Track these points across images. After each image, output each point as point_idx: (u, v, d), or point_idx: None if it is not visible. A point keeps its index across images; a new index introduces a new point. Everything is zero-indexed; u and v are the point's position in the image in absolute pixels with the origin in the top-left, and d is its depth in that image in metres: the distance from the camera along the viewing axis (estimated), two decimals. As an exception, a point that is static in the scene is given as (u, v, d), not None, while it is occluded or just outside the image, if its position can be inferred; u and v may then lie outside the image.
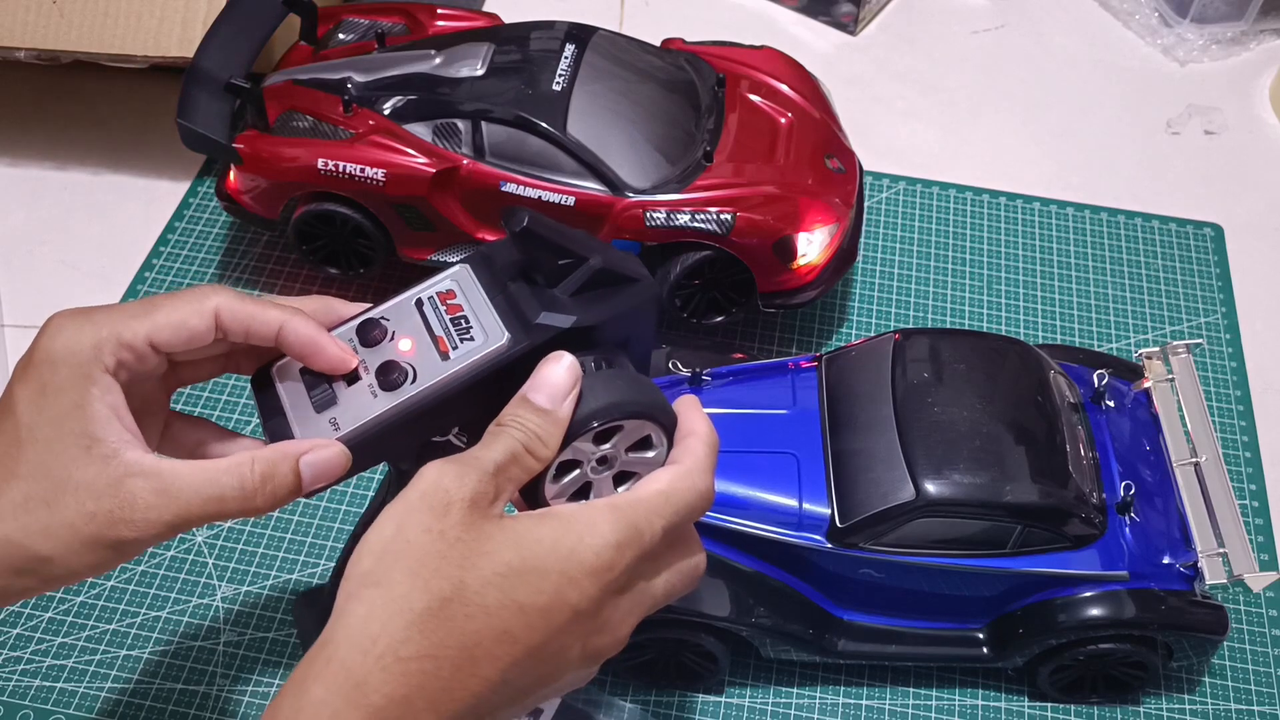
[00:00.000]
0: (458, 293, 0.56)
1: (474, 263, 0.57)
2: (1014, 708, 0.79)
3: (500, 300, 0.55)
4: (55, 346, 0.53)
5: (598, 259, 0.55)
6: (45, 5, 0.97)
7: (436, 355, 0.54)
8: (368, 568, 0.48)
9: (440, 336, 0.54)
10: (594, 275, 0.54)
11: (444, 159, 0.87)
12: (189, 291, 0.55)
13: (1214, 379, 0.97)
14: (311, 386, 0.55)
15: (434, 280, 0.57)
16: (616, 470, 0.56)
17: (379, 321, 0.56)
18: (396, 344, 0.55)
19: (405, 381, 0.53)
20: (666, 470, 0.54)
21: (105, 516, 0.51)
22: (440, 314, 0.55)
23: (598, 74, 0.90)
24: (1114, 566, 0.73)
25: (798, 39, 1.23)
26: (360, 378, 0.54)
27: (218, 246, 1.01)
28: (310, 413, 0.54)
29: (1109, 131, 1.17)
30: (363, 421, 0.53)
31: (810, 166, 0.91)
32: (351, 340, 0.56)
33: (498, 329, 0.54)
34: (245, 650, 0.79)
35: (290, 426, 0.54)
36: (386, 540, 0.48)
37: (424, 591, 0.47)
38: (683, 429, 0.56)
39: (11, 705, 0.76)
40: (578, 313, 0.54)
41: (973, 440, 0.73)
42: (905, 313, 1.00)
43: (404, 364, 0.54)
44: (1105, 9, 1.29)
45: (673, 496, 0.52)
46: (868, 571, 0.74)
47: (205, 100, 0.88)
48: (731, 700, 0.79)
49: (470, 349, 0.54)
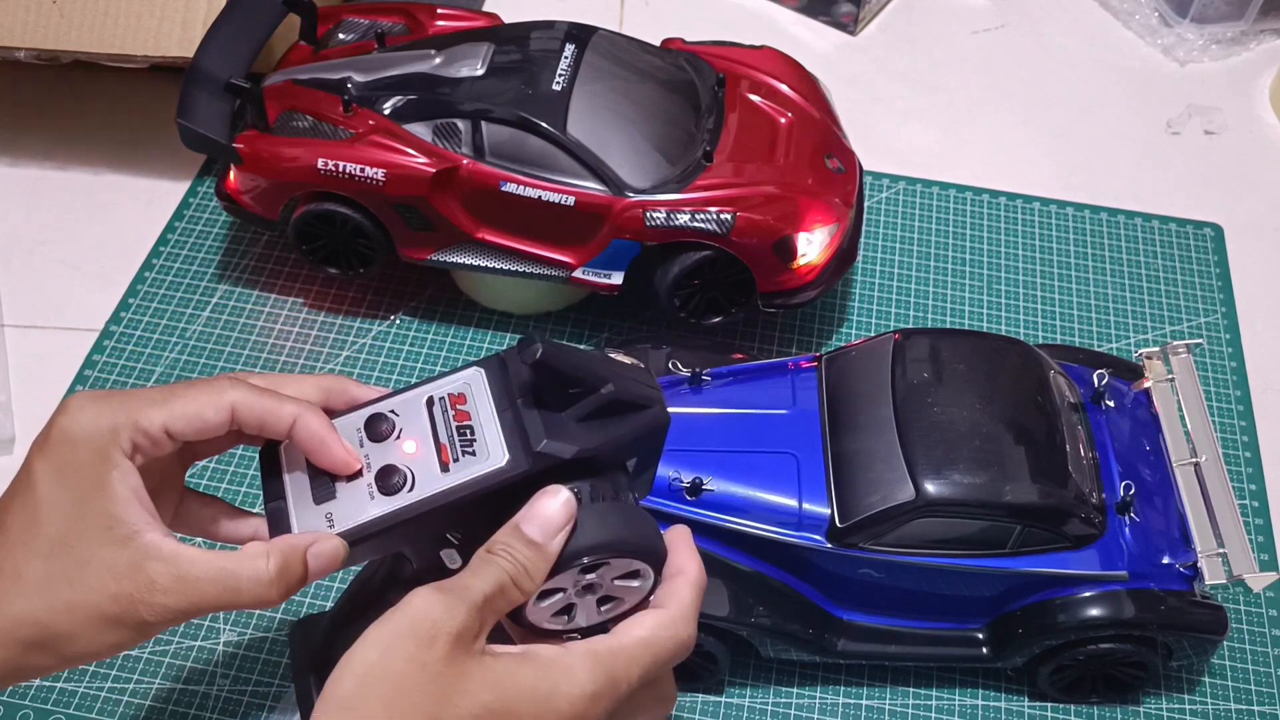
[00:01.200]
0: (468, 399, 0.56)
1: (490, 370, 0.57)
2: (1014, 708, 0.79)
3: (508, 417, 0.55)
4: (74, 427, 0.53)
5: (610, 389, 0.55)
6: (45, 5, 0.97)
7: (437, 465, 0.55)
8: (347, 692, 0.48)
9: (444, 445, 0.55)
10: (604, 404, 0.55)
11: (444, 159, 0.87)
12: (207, 383, 0.56)
13: (1214, 379, 0.97)
14: (314, 477, 0.56)
15: (449, 379, 0.57)
16: (601, 595, 0.57)
17: (388, 416, 0.57)
18: (401, 445, 0.56)
19: (403, 488, 0.54)
20: (650, 615, 0.54)
21: (127, 598, 0.51)
22: (449, 419, 0.56)
23: (598, 74, 0.90)
24: (1113, 566, 0.73)
25: (798, 39, 1.23)
26: (361, 476, 0.55)
27: (218, 246, 1.01)
28: (310, 504, 0.55)
29: (1109, 131, 1.17)
30: (358, 522, 0.54)
31: (810, 166, 0.91)
32: (359, 431, 0.57)
33: (500, 449, 0.54)
34: (245, 650, 0.79)
35: (289, 515, 0.55)
36: (369, 665, 0.48)
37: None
38: (671, 567, 0.57)
39: (11, 705, 0.76)
40: (581, 441, 0.54)
41: (972, 440, 0.73)
42: (905, 313, 1.00)
43: (404, 468, 0.55)
44: (1105, 9, 1.29)
45: (653, 645, 0.53)
46: (867, 571, 0.74)
47: (205, 100, 0.88)
48: (731, 700, 0.79)
49: (470, 465, 0.54)
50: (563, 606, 0.56)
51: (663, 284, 0.89)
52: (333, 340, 0.96)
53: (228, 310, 0.97)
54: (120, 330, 0.95)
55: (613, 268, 0.89)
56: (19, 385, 0.92)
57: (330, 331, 0.96)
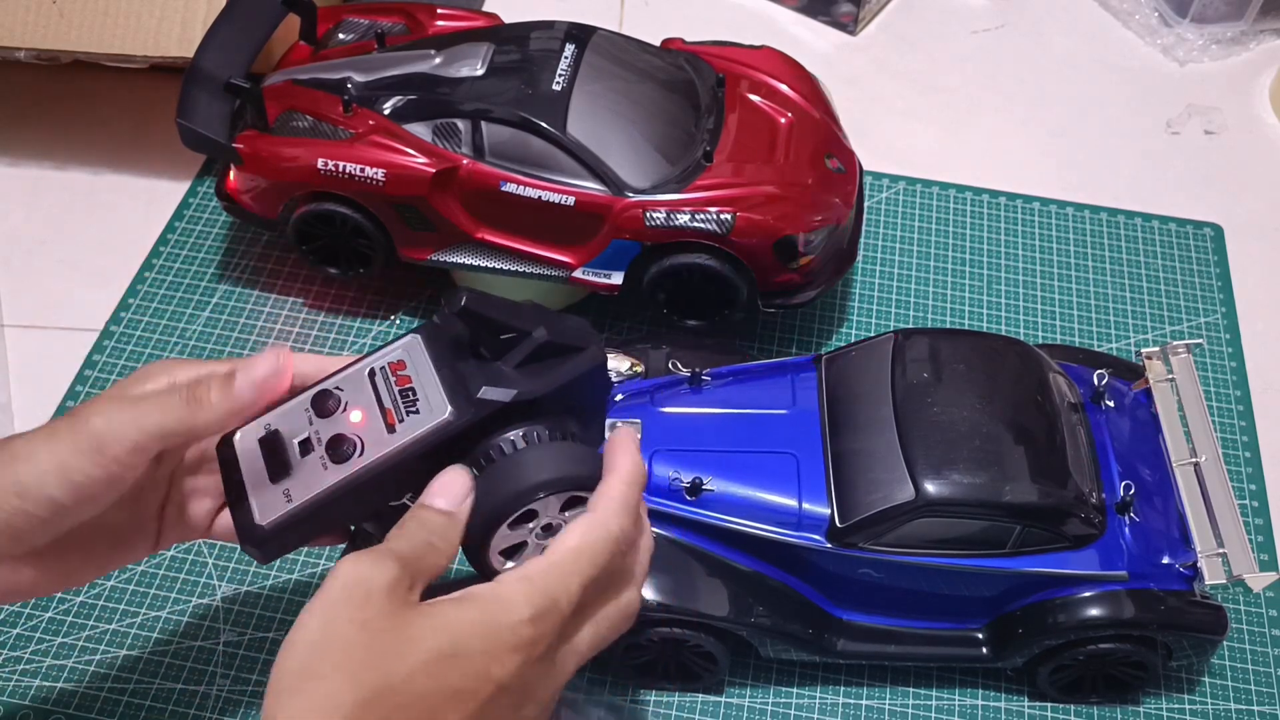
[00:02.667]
0: (408, 364, 0.58)
1: (425, 334, 0.59)
2: (1014, 708, 0.79)
3: (447, 373, 0.57)
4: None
5: (541, 331, 0.57)
6: (45, 5, 0.97)
7: (384, 428, 0.56)
8: (296, 665, 0.48)
9: (389, 409, 0.57)
10: (538, 348, 0.57)
11: (444, 159, 0.87)
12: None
13: (1214, 379, 0.97)
14: (269, 458, 0.57)
15: (387, 350, 0.59)
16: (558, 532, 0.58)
17: (333, 392, 0.58)
18: (348, 415, 0.57)
19: (354, 454, 0.56)
20: (578, 522, 0.55)
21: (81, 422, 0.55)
22: (390, 385, 0.58)
23: (598, 74, 0.90)
24: (1113, 566, 0.73)
25: (798, 39, 1.23)
26: (313, 449, 0.57)
27: (218, 246, 1.01)
28: (266, 484, 0.57)
29: (1109, 131, 1.17)
30: (315, 493, 0.56)
31: (810, 166, 0.91)
32: (307, 410, 0.58)
33: (442, 403, 0.56)
34: (245, 650, 0.79)
35: (248, 496, 0.57)
36: (313, 636, 0.49)
37: (355, 685, 0.47)
38: (604, 470, 0.57)
39: (11, 705, 0.76)
40: (520, 386, 0.56)
41: (972, 440, 0.73)
42: (905, 313, 1.00)
43: (353, 436, 0.56)
44: (1105, 9, 1.29)
45: (585, 550, 0.54)
46: (867, 571, 0.74)
47: (205, 100, 0.88)
48: (731, 700, 0.79)
49: (415, 422, 0.56)
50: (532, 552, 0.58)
51: (645, 280, 0.89)
52: (333, 340, 0.96)
53: (228, 310, 0.97)
54: (120, 330, 0.95)
55: (613, 268, 0.89)
56: (19, 385, 0.92)
57: (330, 331, 0.96)
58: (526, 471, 0.55)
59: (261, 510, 0.56)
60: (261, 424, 0.59)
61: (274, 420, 0.59)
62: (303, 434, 0.57)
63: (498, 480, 0.56)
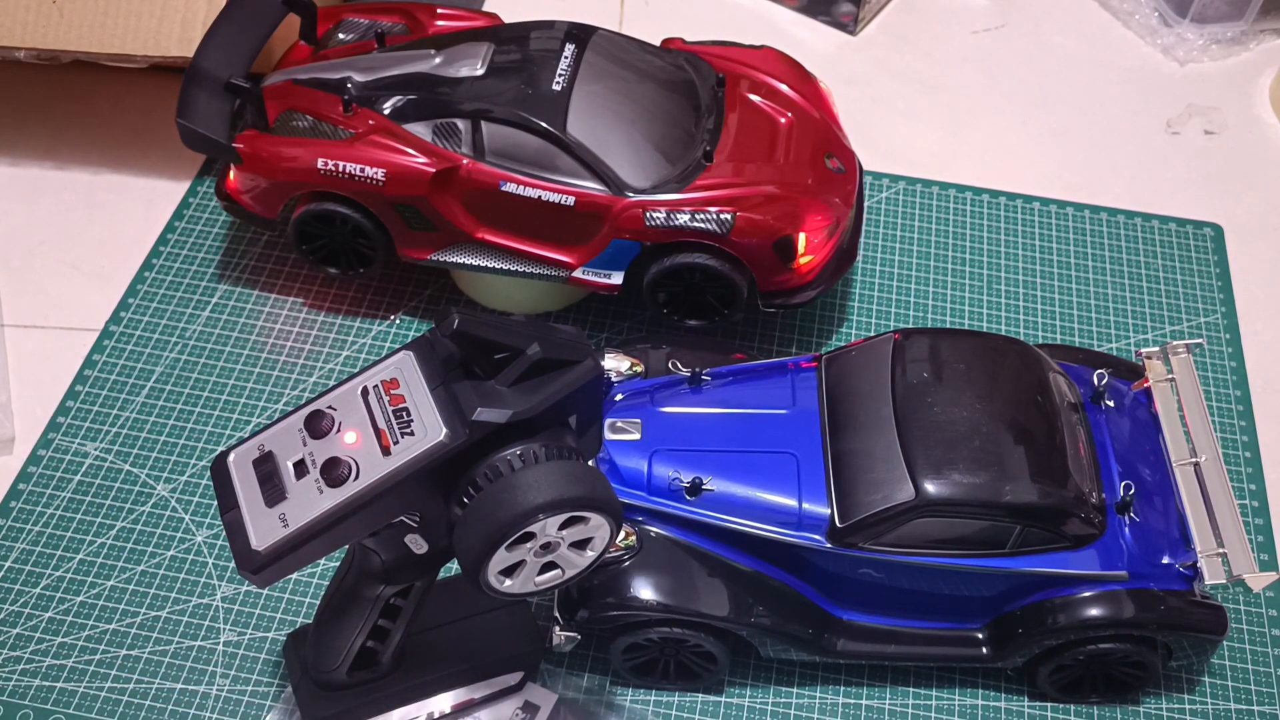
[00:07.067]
0: (401, 382, 0.58)
1: (418, 350, 0.58)
2: (1014, 708, 0.79)
3: (441, 393, 0.57)
4: None
5: (535, 349, 0.56)
6: (45, 5, 0.97)
7: (379, 450, 0.56)
8: None
9: (383, 430, 0.57)
10: (532, 366, 0.56)
11: (444, 159, 0.87)
12: None
13: (1214, 379, 0.97)
14: (264, 482, 0.57)
15: (380, 366, 0.59)
16: (559, 551, 0.58)
17: (326, 412, 0.58)
18: (342, 437, 0.57)
19: (350, 477, 0.56)
20: None
21: None
22: (384, 404, 0.57)
23: (598, 74, 0.90)
24: (1113, 566, 0.73)
25: (798, 39, 1.23)
26: (308, 472, 0.57)
27: (218, 246, 1.01)
28: (263, 508, 0.57)
29: (1109, 131, 1.17)
30: (311, 518, 0.56)
31: (810, 166, 0.91)
32: (300, 431, 0.58)
33: (437, 424, 0.56)
34: (245, 650, 0.79)
35: (245, 522, 0.57)
36: None
37: None
38: None
39: (11, 705, 0.76)
40: (515, 405, 0.56)
41: (972, 440, 0.73)
42: (905, 313, 1.00)
43: (348, 459, 0.56)
44: (1105, 9, 1.29)
45: None
46: (867, 571, 0.74)
47: (205, 100, 0.88)
48: (731, 700, 0.79)
49: (411, 444, 0.56)
50: (543, 565, 0.58)
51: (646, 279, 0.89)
52: (333, 340, 0.96)
53: (228, 310, 0.97)
54: (120, 330, 0.95)
55: (613, 268, 0.89)
56: (19, 385, 0.92)
57: (330, 331, 0.96)
58: (524, 495, 0.55)
59: (258, 536, 0.56)
60: (255, 445, 0.59)
61: (268, 441, 0.58)
62: (296, 455, 0.57)
63: (495, 503, 0.55)
